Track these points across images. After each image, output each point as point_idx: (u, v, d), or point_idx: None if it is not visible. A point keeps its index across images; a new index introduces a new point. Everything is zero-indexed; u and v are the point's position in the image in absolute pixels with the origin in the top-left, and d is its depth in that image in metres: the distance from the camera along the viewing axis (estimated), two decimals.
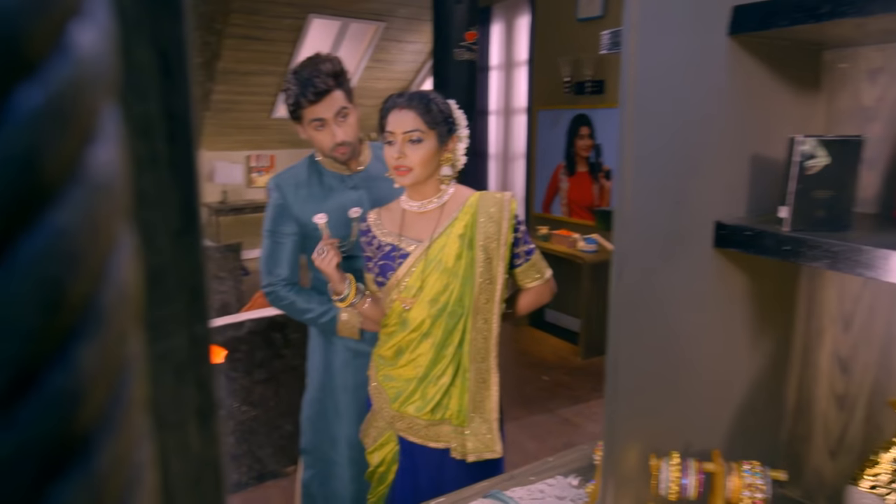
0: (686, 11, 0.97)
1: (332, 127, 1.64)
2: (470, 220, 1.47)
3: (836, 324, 1.20)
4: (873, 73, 1.12)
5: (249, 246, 6.64)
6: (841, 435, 1.22)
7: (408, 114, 1.42)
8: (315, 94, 1.58)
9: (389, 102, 1.45)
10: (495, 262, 1.45)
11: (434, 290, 1.46)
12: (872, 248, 0.88)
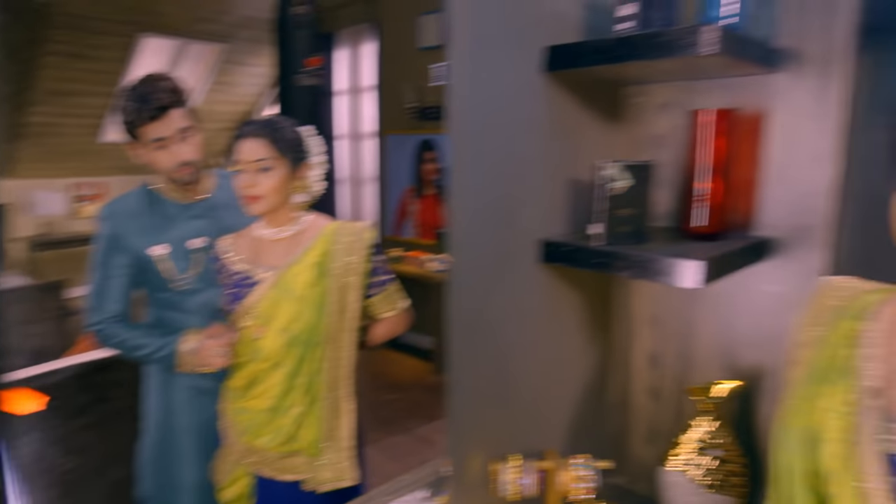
0: (505, 49, 1.06)
1: (175, 146, 1.56)
2: (325, 249, 1.47)
3: (645, 324, 1.37)
4: (663, 106, 1.30)
5: (75, 283, 6.01)
6: (654, 423, 1.38)
7: (256, 142, 1.40)
8: (154, 110, 1.49)
9: (239, 130, 1.43)
10: (349, 292, 1.46)
11: (286, 319, 1.44)
12: (666, 257, 1.02)
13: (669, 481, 1.21)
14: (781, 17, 1.11)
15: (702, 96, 1.24)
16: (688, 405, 1.32)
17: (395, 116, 4.97)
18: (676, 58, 0.97)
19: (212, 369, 1.50)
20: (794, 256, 1.14)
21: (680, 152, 1.27)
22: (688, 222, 1.17)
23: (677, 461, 1.20)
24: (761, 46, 1.08)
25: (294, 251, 1.47)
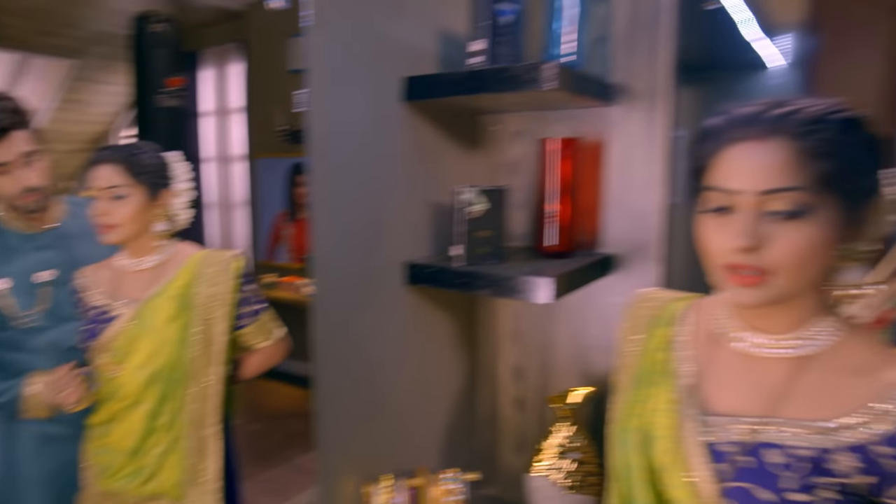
0: (365, 78, 1.10)
1: (18, 171, 1.43)
2: (188, 280, 1.41)
3: (508, 339, 1.44)
4: (516, 134, 1.39)
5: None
6: (521, 433, 1.45)
7: (110, 168, 1.33)
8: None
9: (94, 156, 1.35)
10: (215, 325, 1.41)
11: (145, 355, 1.36)
12: (521, 275, 1.09)
13: (534, 486, 1.28)
14: (614, 57, 1.24)
15: (550, 125, 1.34)
16: (550, 413, 1.40)
17: (265, 139, 4.85)
18: (522, 91, 1.06)
19: (64, 412, 1.38)
20: (633, 270, 1.26)
21: (532, 177, 1.36)
22: (541, 242, 1.26)
23: (541, 467, 1.27)
24: (597, 82, 1.20)
25: (156, 283, 1.40)
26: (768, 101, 0.67)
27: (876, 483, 0.64)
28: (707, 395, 0.75)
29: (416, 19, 1.19)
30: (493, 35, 1.13)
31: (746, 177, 0.65)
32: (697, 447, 0.72)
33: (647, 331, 0.85)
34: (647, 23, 1.21)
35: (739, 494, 0.68)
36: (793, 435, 0.67)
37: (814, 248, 0.64)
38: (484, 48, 1.12)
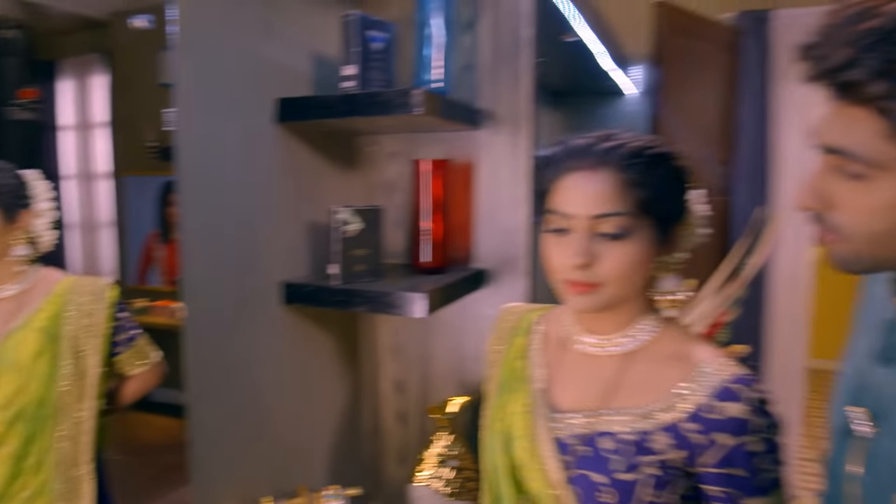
0: (236, 98, 1.10)
1: None
2: (55, 311, 1.31)
3: (389, 354, 1.48)
4: (392, 155, 1.44)
5: None
6: (404, 445, 1.49)
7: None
8: None
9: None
10: (89, 357, 1.32)
11: (7, 394, 1.26)
12: (396, 291, 1.13)
13: (416, 496, 1.31)
14: (480, 84, 1.33)
15: (423, 147, 1.40)
16: (430, 424, 1.45)
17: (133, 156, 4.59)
18: (393, 116, 1.11)
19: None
20: (503, 283, 1.35)
21: (407, 196, 1.42)
22: (417, 259, 1.31)
23: (422, 476, 1.31)
24: (465, 108, 1.27)
25: (18, 314, 1.30)
26: (599, 135, 0.77)
27: (687, 456, 0.74)
28: (555, 395, 0.84)
29: (287, 42, 1.21)
30: (365, 60, 1.17)
31: (580, 203, 0.74)
32: (548, 443, 0.80)
33: (508, 341, 0.93)
34: (508, 53, 1.31)
35: (580, 480, 0.76)
36: (620, 422, 0.77)
37: (635, 263, 0.74)
38: (355, 73, 1.16)
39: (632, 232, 0.74)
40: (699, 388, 0.75)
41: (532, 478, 0.82)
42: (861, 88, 0.54)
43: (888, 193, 0.56)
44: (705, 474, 0.74)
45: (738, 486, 0.74)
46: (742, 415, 0.72)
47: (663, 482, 0.74)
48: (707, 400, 0.73)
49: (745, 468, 0.73)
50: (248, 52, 1.12)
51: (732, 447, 0.72)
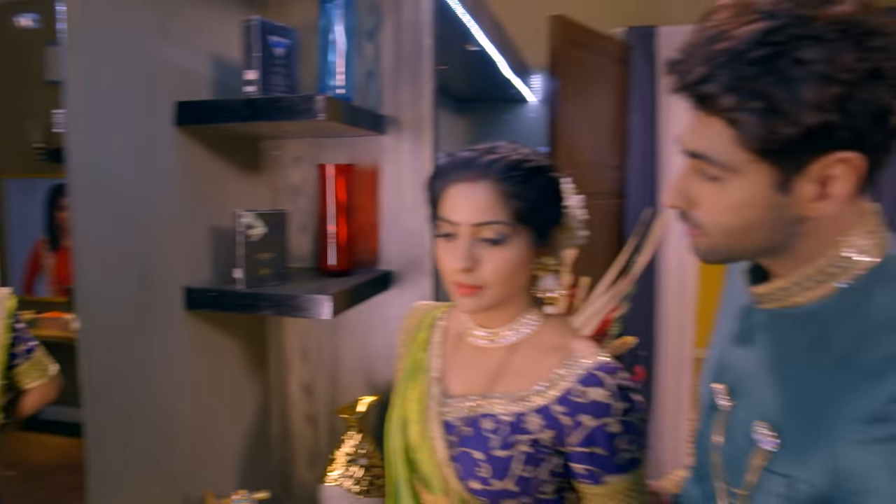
0: (131, 100, 1.07)
1: None
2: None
3: (298, 357, 1.48)
4: (297, 159, 1.45)
5: None
6: (314, 447, 1.50)
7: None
8: None
9: None
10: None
11: None
12: (304, 294, 1.15)
13: (327, 496, 1.33)
14: (383, 91, 1.37)
15: (328, 152, 1.42)
16: (339, 424, 1.47)
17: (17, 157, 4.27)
18: (296, 121, 1.13)
19: None
20: (409, 284, 1.39)
21: (313, 200, 1.43)
22: (323, 262, 1.33)
23: (333, 476, 1.33)
24: (368, 114, 1.31)
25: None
26: (483, 148, 0.84)
27: (556, 435, 0.82)
28: (448, 382, 0.91)
29: (186, 45, 1.20)
30: (267, 65, 1.18)
31: (463, 211, 0.81)
32: (437, 424, 0.87)
33: (413, 335, 0.98)
34: (410, 61, 1.35)
35: (462, 457, 0.84)
36: (500, 405, 0.84)
37: (514, 266, 0.82)
38: (257, 78, 1.17)
39: (510, 237, 0.81)
40: (568, 375, 0.83)
41: (423, 458, 0.88)
42: (715, 101, 0.62)
43: (739, 193, 0.64)
44: (572, 453, 0.83)
45: (600, 464, 0.82)
46: (604, 399, 0.81)
47: (535, 459, 0.82)
48: (574, 385, 0.82)
49: (606, 448, 0.81)
50: (144, 53, 1.10)
51: (594, 428, 0.80)
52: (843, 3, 0.59)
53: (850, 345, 0.61)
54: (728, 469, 0.71)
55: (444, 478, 0.86)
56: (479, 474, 0.82)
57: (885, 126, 0.60)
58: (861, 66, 0.57)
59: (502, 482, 0.82)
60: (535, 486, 0.83)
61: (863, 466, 0.55)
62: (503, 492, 0.82)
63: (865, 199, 0.67)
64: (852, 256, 0.65)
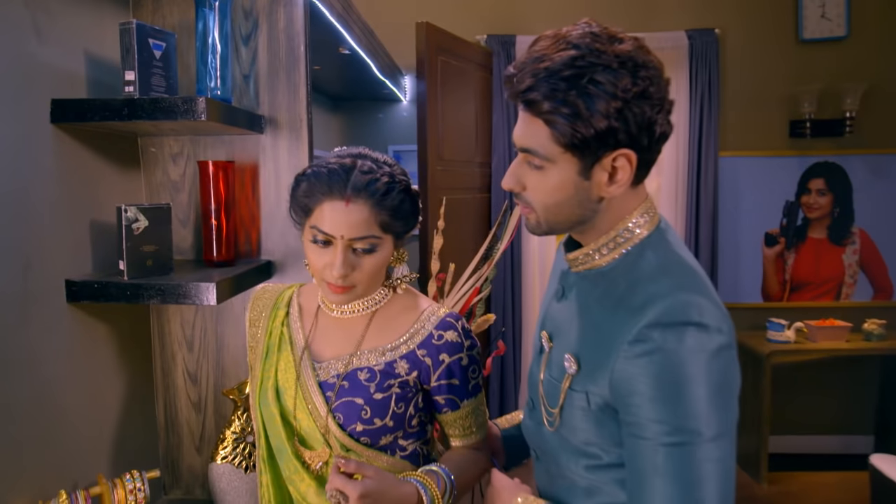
0: (8, 98, 1.10)
1: None
2: None
3: (182, 347, 1.54)
4: (175, 156, 1.51)
5: None
6: (201, 432, 1.57)
7: None
8: None
9: None
10: None
11: None
12: (189, 282, 1.23)
13: (217, 474, 1.41)
14: (260, 93, 1.47)
15: (209, 149, 1.50)
16: (225, 408, 1.55)
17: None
18: (177, 121, 1.20)
19: None
20: (289, 272, 1.50)
21: (194, 195, 1.50)
22: (207, 253, 1.41)
23: (221, 455, 1.41)
24: (246, 114, 1.40)
25: None
26: (349, 163, 0.97)
27: (419, 375, 1.01)
28: (316, 350, 1.07)
29: (61, 44, 1.23)
30: (146, 67, 1.24)
31: (340, 227, 0.95)
32: (313, 385, 1.01)
33: (270, 314, 1.11)
34: (285, 65, 1.46)
35: (344, 406, 1.00)
36: (372, 358, 1.02)
37: (381, 266, 1.00)
38: (134, 79, 1.23)
39: (379, 246, 0.98)
40: (426, 324, 1.02)
41: (301, 418, 1.02)
42: (537, 105, 0.81)
43: (554, 178, 0.84)
44: (434, 387, 1.02)
45: (457, 392, 1.02)
46: (456, 339, 1.02)
47: (405, 398, 1.01)
48: (432, 331, 1.01)
49: (460, 378, 1.02)
50: (16, 50, 1.12)
51: (451, 362, 1.00)
52: (624, 43, 0.81)
53: (625, 292, 0.82)
54: (548, 396, 0.91)
55: (325, 431, 1.00)
56: (363, 416, 0.98)
57: (652, 132, 0.82)
58: (634, 89, 0.79)
59: (382, 420, 0.98)
60: (406, 421, 1.00)
61: (628, 376, 0.77)
62: (382, 428, 0.98)
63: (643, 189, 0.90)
64: (634, 229, 0.87)
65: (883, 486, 1.74)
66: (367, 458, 1.00)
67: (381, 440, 1.01)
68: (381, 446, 1.01)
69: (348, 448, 1.00)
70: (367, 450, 1.00)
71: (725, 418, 0.76)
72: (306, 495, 1.02)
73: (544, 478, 0.99)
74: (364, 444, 1.00)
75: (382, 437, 1.00)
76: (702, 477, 0.74)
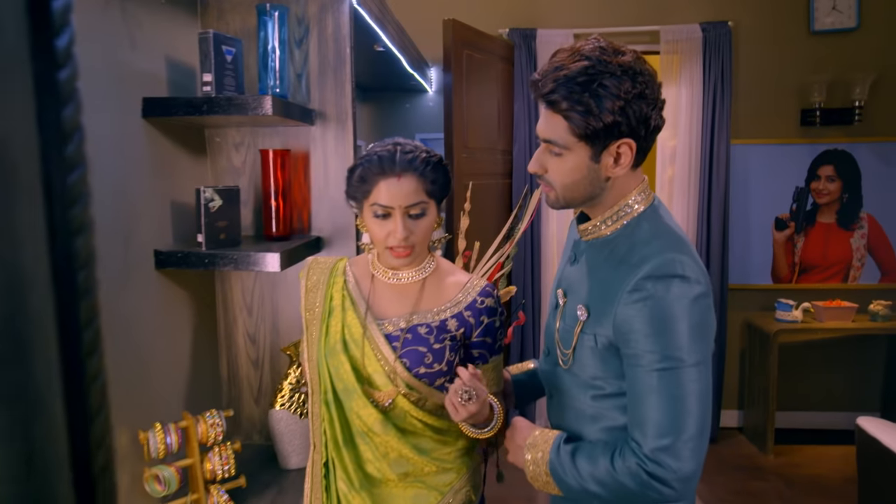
0: (110, 97, 1.32)
1: None
2: None
3: (243, 312, 1.78)
4: (237, 145, 1.73)
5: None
6: (259, 386, 1.80)
7: None
8: None
9: None
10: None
11: None
12: (254, 252, 1.45)
13: (275, 419, 1.65)
14: (311, 90, 1.68)
15: (266, 139, 1.72)
16: (280, 365, 1.78)
17: None
18: (247, 115, 1.42)
19: None
20: (336, 246, 1.72)
21: (251, 179, 1.72)
22: (268, 229, 1.63)
23: (279, 402, 1.64)
24: (300, 108, 1.61)
25: None
26: (393, 147, 1.16)
27: (464, 332, 1.21)
28: (377, 310, 1.25)
29: (149, 50, 1.45)
30: (220, 69, 1.46)
31: (395, 198, 1.14)
32: (381, 338, 1.21)
33: (326, 281, 1.29)
34: (333, 65, 1.67)
35: (409, 353, 1.19)
36: (428, 316, 1.21)
37: (429, 228, 1.20)
38: (211, 80, 1.45)
39: (427, 209, 1.19)
40: (471, 292, 1.22)
41: (369, 364, 1.22)
42: (557, 104, 1.01)
43: (571, 163, 1.04)
44: (473, 342, 1.22)
45: (488, 348, 1.23)
46: (493, 304, 1.22)
47: (454, 348, 1.21)
48: (475, 297, 1.21)
49: (492, 337, 1.22)
50: (115, 57, 1.34)
51: (488, 323, 1.20)
52: (626, 55, 1.00)
53: (625, 254, 1.03)
54: (563, 341, 1.12)
55: (391, 373, 1.20)
56: (426, 362, 1.19)
57: (648, 125, 1.02)
58: (634, 91, 0.99)
59: (439, 366, 1.19)
60: (452, 367, 1.21)
61: (628, 317, 0.97)
62: (438, 371, 1.19)
63: (641, 172, 1.10)
64: (633, 205, 1.07)
65: (866, 443, 1.92)
66: (425, 394, 1.21)
67: (436, 381, 1.22)
68: (435, 386, 1.22)
69: (411, 386, 1.21)
70: (426, 387, 1.21)
71: (703, 349, 0.97)
72: (373, 426, 1.23)
73: (556, 412, 1.20)
74: (424, 384, 1.21)
75: (437, 379, 1.21)
76: (686, 393, 0.95)
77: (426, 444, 1.24)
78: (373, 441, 1.24)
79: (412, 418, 1.21)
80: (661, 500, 0.98)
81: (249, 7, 1.68)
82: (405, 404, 1.21)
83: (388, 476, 1.23)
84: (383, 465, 1.23)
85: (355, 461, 1.25)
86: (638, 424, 0.99)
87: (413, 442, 1.23)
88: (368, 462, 1.25)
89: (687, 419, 0.95)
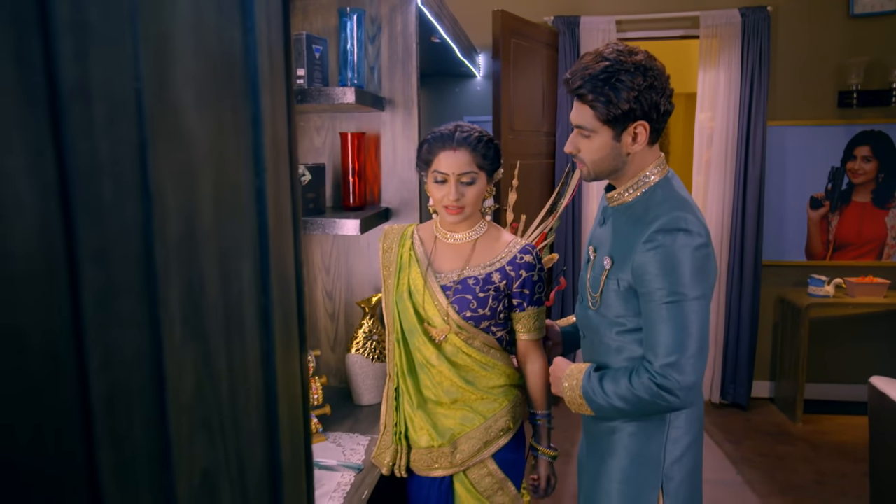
0: None
1: None
2: None
3: (321, 272, 2.07)
4: (318, 128, 2.01)
5: None
6: (335, 335, 2.11)
7: None
8: None
9: None
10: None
11: None
12: (340, 219, 1.73)
13: (351, 362, 1.94)
14: (383, 81, 1.94)
15: (342, 123, 1.99)
16: (353, 317, 2.08)
17: None
18: (333, 104, 1.70)
19: None
20: (402, 216, 1.99)
21: (330, 158, 2.01)
22: (346, 200, 1.92)
23: (354, 349, 1.94)
24: (374, 96, 1.88)
25: None
26: (453, 127, 1.43)
27: (507, 283, 1.47)
28: (436, 265, 1.53)
29: None
30: (311, 65, 1.74)
31: (451, 167, 1.42)
32: (437, 286, 1.49)
33: (399, 243, 1.58)
34: (401, 58, 1.93)
35: (459, 301, 1.47)
36: (477, 270, 1.48)
37: (479, 194, 1.46)
38: (304, 74, 1.73)
39: (477, 179, 1.45)
40: (513, 249, 1.48)
41: (428, 308, 1.50)
42: (585, 97, 1.26)
43: (598, 143, 1.29)
44: (513, 293, 1.49)
45: (526, 298, 1.50)
46: (532, 261, 1.48)
47: (497, 297, 1.48)
48: (517, 254, 1.47)
49: (529, 289, 1.48)
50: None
51: (526, 277, 1.47)
52: (639, 55, 1.24)
53: (642, 214, 1.27)
54: (592, 286, 1.37)
55: (445, 316, 1.49)
56: (471, 307, 1.47)
57: (658, 110, 1.26)
58: (645, 83, 1.23)
59: (483, 310, 1.46)
60: (496, 314, 1.48)
61: (643, 262, 1.22)
62: (482, 316, 1.47)
63: (657, 149, 1.34)
64: (650, 176, 1.31)
65: (878, 399, 2.10)
66: (473, 333, 1.49)
67: (481, 324, 1.49)
68: (481, 328, 1.50)
69: (461, 327, 1.49)
70: (472, 328, 1.49)
71: (703, 287, 1.21)
72: (430, 358, 1.51)
73: (588, 349, 1.46)
74: (471, 325, 1.48)
75: (482, 322, 1.48)
76: (689, 322, 1.20)
77: (473, 376, 1.51)
78: (430, 371, 1.53)
79: (463, 354, 1.49)
80: (668, 408, 1.23)
81: (330, 8, 1.95)
82: (457, 341, 1.49)
83: (442, 400, 1.52)
84: (438, 391, 1.52)
85: (416, 387, 1.55)
86: (650, 347, 1.24)
87: (462, 374, 1.50)
88: (427, 388, 1.53)
89: (689, 341, 1.20)
